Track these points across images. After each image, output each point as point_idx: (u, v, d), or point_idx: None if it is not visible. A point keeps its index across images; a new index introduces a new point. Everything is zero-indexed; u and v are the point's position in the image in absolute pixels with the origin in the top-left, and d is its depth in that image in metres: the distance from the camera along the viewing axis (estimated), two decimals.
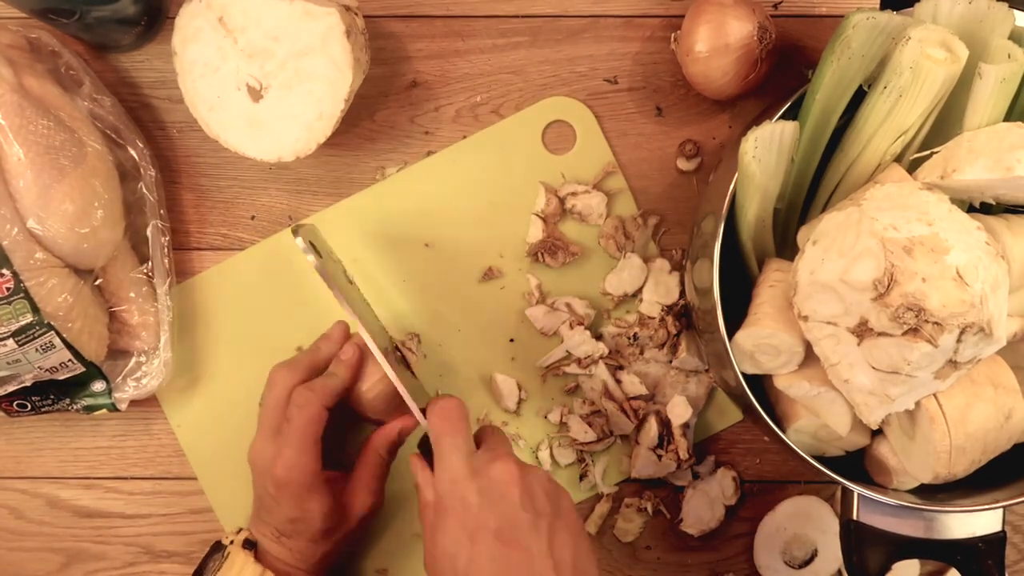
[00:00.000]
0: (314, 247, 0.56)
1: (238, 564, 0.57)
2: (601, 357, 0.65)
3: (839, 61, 0.50)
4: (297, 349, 0.67)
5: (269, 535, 0.58)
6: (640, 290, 0.66)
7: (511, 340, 0.67)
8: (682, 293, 0.66)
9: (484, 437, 0.53)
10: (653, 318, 0.65)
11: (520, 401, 0.66)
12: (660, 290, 0.66)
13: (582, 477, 0.66)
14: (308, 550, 0.58)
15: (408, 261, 0.67)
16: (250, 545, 0.58)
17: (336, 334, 0.62)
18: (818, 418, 0.54)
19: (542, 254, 0.65)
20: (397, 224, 0.67)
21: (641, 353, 0.66)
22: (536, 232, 0.66)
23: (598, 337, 0.66)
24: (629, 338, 0.65)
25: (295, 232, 0.56)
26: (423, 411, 0.54)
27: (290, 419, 0.56)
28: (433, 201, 0.67)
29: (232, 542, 0.58)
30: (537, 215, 0.66)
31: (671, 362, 0.65)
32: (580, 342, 0.65)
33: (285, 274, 0.67)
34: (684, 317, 0.66)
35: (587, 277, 0.67)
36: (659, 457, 0.64)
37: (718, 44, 0.60)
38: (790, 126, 0.51)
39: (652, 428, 0.64)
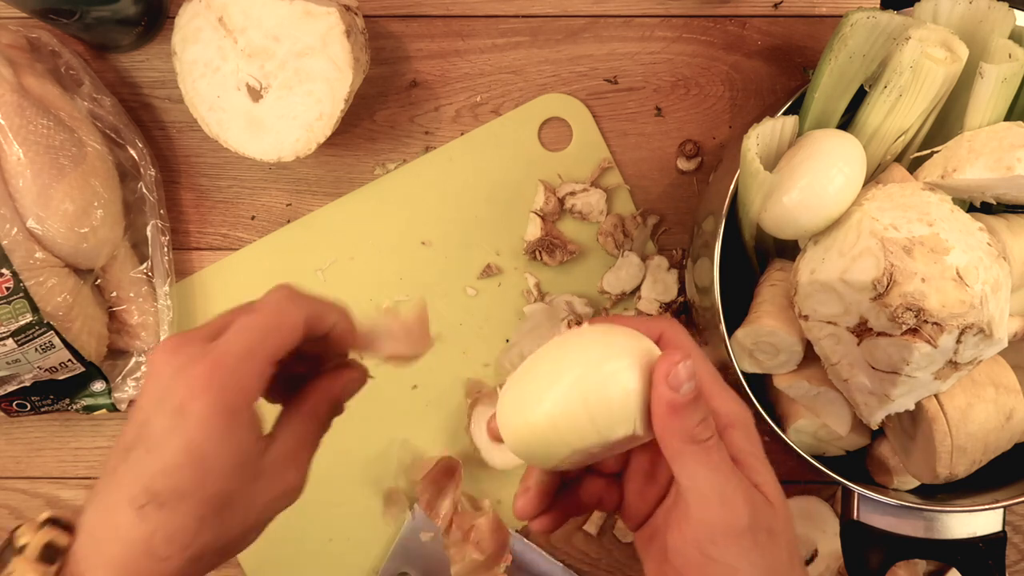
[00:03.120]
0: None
1: None
2: None
3: (837, 59, 0.50)
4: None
5: (126, 501, 0.36)
6: (638, 288, 0.66)
7: (507, 341, 0.67)
8: (680, 290, 0.66)
9: None
10: (651, 316, 0.65)
11: None
12: (658, 287, 0.66)
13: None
14: (185, 533, 0.36)
15: (405, 259, 0.67)
16: (54, 546, 0.37)
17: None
18: (818, 418, 0.54)
19: (540, 252, 0.65)
20: (394, 222, 0.67)
21: None
22: (534, 230, 0.66)
23: None
24: None
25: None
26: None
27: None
28: (430, 199, 0.67)
29: (22, 544, 0.37)
30: (536, 213, 0.66)
31: None
32: None
33: (285, 273, 0.67)
34: (683, 314, 0.66)
35: (585, 275, 0.67)
36: None
37: None
38: (790, 121, 0.51)
39: None
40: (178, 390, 0.37)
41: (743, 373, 0.53)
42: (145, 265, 0.64)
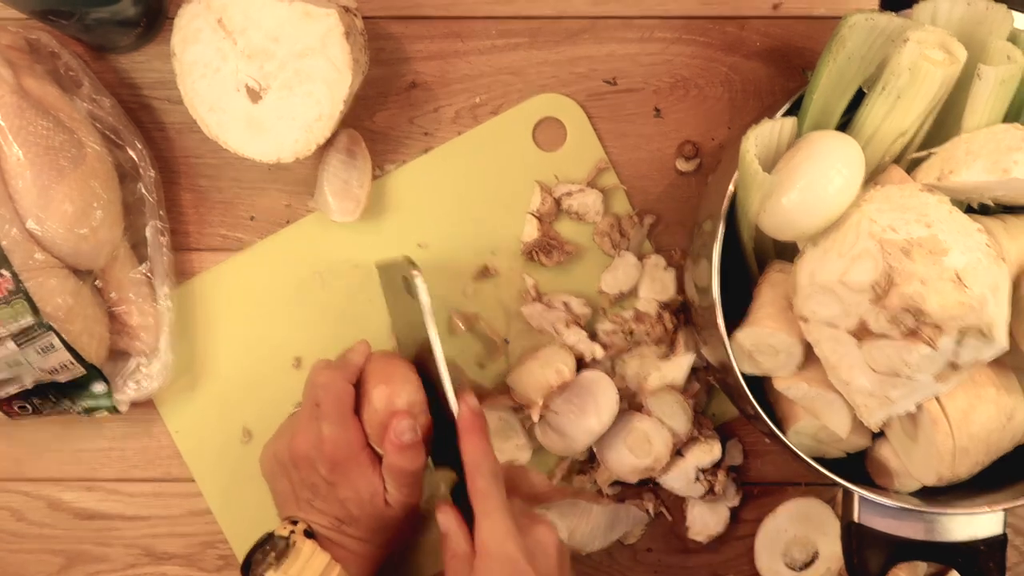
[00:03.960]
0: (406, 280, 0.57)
1: (305, 554, 0.53)
2: (594, 359, 0.65)
3: (836, 61, 0.50)
4: (295, 359, 0.67)
5: (328, 524, 0.56)
6: (635, 288, 0.66)
7: (506, 341, 0.67)
8: (679, 289, 0.66)
9: (512, 482, 0.56)
10: (650, 315, 0.65)
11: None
12: (656, 287, 0.65)
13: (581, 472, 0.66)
14: (371, 536, 0.56)
15: None
16: (309, 535, 0.54)
17: (362, 347, 0.61)
18: (818, 420, 0.54)
19: (537, 253, 0.65)
20: (391, 223, 0.67)
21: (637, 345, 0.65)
22: (531, 231, 0.66)
23: (593, 336, 0.66)
24: (625, 333, 0.65)
25: (411, 265, 0.56)
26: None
27: (320, 401, 0.56)
28: (427, 200, 0.67)
29: (292, 532, 0.54)
30: (532, 214, 0.66)
31: (668, 357, 0.65)
32: (576, 341, 0.65)
33: (285, 275, 0.67)
34: (681, 313, 0.66)
35: (582, 276, 0.67)
36: (696, 478, 0.64)
37: None
38: (789, 122, 0.51)
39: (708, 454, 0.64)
40: (327, 452, 0.56)
41: (742, 375, 0.53)
42: (145, 266, 0.64)
